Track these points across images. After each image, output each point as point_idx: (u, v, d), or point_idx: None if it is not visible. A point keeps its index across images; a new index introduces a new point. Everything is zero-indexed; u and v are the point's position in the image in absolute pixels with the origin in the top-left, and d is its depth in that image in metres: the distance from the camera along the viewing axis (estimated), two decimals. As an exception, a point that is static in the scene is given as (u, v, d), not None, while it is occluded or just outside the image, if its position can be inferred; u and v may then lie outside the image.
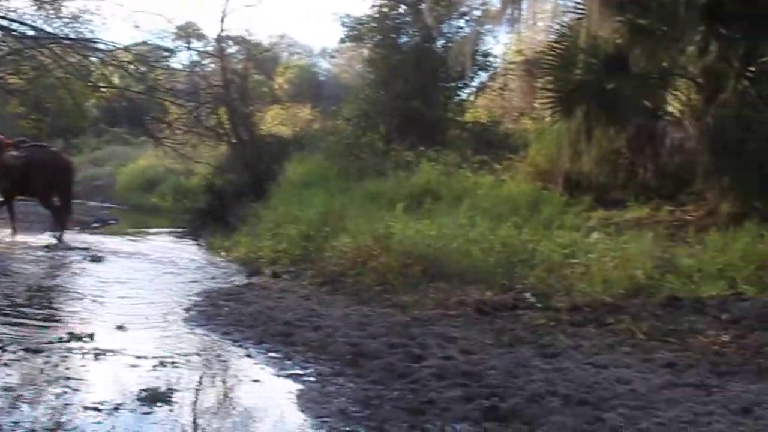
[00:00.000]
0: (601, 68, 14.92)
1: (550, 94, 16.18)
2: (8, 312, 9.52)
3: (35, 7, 23.36)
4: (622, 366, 7.11)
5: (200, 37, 30.19)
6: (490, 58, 23.36)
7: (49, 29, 24.36)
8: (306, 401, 6.58)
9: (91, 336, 8.34)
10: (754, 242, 10.59)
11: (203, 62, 29.58)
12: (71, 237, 17.97)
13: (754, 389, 6.27)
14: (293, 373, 7.48)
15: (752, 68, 13.55)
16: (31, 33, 23.66)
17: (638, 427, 5.49)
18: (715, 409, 5.85)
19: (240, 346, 8.58)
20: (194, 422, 6.22)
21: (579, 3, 15.76)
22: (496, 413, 5.93)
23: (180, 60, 30.62)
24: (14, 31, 15.23)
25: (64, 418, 6.01)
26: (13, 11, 22.86)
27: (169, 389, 6.67)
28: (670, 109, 15.21)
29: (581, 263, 10.78)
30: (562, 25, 16.45)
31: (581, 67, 15.19)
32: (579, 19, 15.47)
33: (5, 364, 7.28)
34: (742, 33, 13.60)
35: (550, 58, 16.25)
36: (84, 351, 7.85)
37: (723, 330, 8.02)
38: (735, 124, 12.96)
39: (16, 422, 5.83)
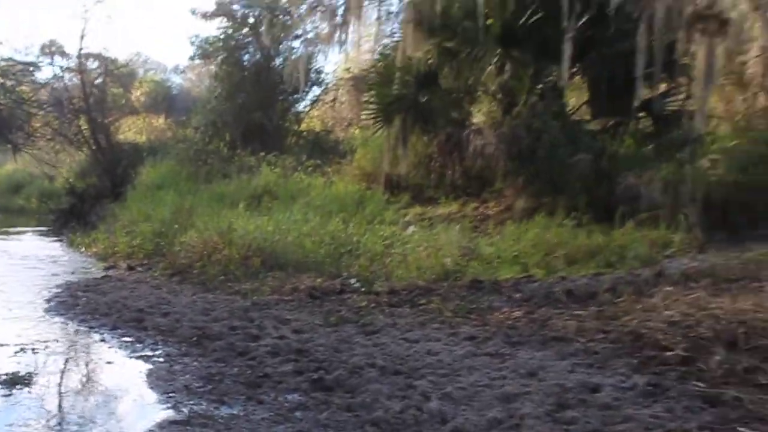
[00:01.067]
0: (415, 84, 15.16)
1: (373, 107, 16.36)
2: None
3: None
4: (431, 340, 7.22)
5: (62, 53, 29.09)
6: (323, 75, 23.50)
7: None
8: (155, 379, 6.46)
9: (-48, 327, 7.99)
10: (543, 233, 10.97)
11: (65, 76, 28.52)
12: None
13: (539, 356, 6.47)
14: (144, 355, 7.33)
15: (540, 86, 13.97)
16: None
17: (443, 392, 5.58)
18: (507, 374, 6.01)
19: (96, 332, 8.36)
20: (53, 402, 6.02)
21: (396, 28, 16.02)
22: (322, 384, 5.95)
23: (44, 75, 29.47)
24: None
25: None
26: None
27: (29, 373, 6.48)
28: (474, 119, 15.54)
29: (399, 253, 10.94)
30: (383, 47, 16.67)
31: (399, 83, 15.38)
32: (396, 42, 15.69)
33: None
34: (531, 56, 14.05)
35: (373, 75, 16.50)
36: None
37: (516, 307, 8.24)
38: (527, 133, 13.33)
39: None
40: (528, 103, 13.84)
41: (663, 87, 13.71)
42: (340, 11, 17.53)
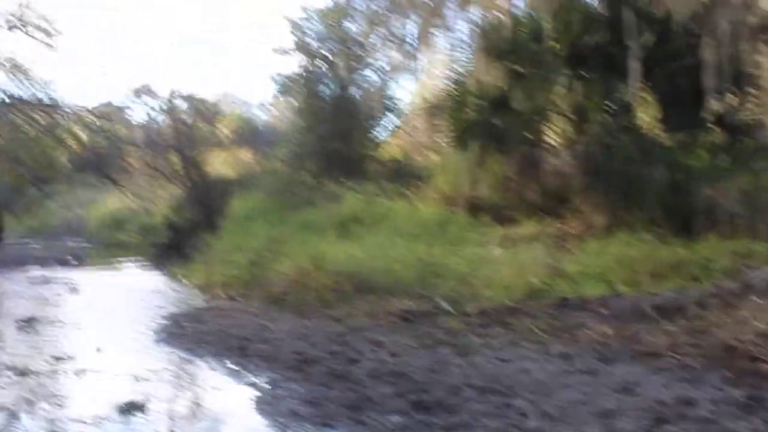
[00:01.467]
0: (488, 108, 15.10)
1: (449, 131, 16.34)
2: (1, 339, 9.32)
3: (8, 75, 22.94)
4: (524, 359, 7.15)
5: (153, 95, 29.76)
6: (398, 103, 23.49)
7: (21, 94, 23.99)
8: (261, 404, 6.51)
9: (73, 358, 8.18)
10: (625, 248, 10.76)
11: (157, 116, 29.17)
12: (52, 273, 17.61)
13: (632, 371, 6.36)
14: (249, 381, 7.40)
15: (610, 103, 13.79)
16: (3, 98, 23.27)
17: (541, 409, 5.50)
18: (603, 390, 5.91)
19: (202, 360, 8.45)
20: (168, 428, 6.11)
21: (467, 55, 16.01)
22: (422, 405, 5.92)
23: (137, 115, 30.23)
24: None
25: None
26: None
27: (144, 401, 6.56)
28: (547, 139, 15.40)
29: (485, 273, 10.83)
30: (454, 74, 16.68)
31: (472, 107, 15.35)
32: (468, 68, 15.70)
33: (1, 387, 7.09)
34: (599, 74, 13.88)
35: (447, 101, 16.46)
36: (67, 371, 7.68)
37: (605, 323, 8.09)
38: (600, 150, 13.16)
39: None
40: (599, 121, 13.68)
41: (732, 98, 13.40)
42: (411, 40, 17.69)
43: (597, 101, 13.98)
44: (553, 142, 15.10)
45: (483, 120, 15.14)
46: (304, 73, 23.35)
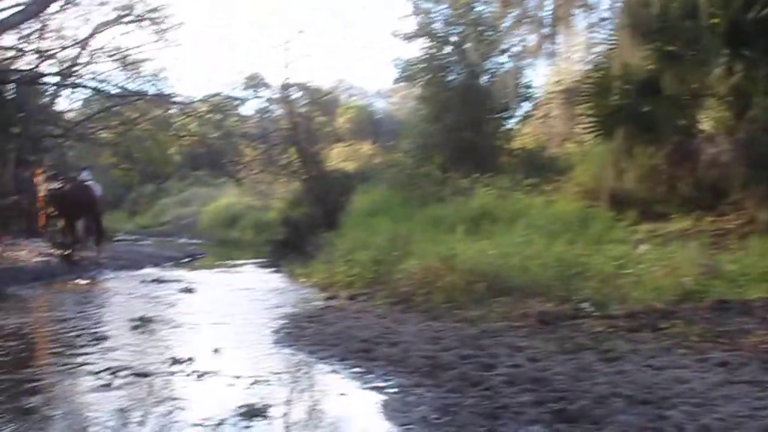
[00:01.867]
0: (635, 93, 14.79)
1: (590, 119, 16.08)
2: (117, 340, 9.68)
3: (119, 69, 23.84)
4: (679, 366, 6.98)
5: (266, 85, 30.39)
6: (532, 89, 23.29)
7: (132, 87, 24.87)
8: (390, 411, 6.57)
9: (191, 360, 8.43)
10: (794, 246, 10.40)
11: (271, 108, 29.80)
12: (165, 272, 18.22)
13: (805, 383, 6.14)
14: (376, 386, 7.47)
15: (774, 86, 13.34)
16: (116, 92, 24.13)
17: (700, 423, 5.38)
18: (770, 403, 5.74)
19: (325, 363, 8.58)
20: (294, 434, 6.26)
21: (610, 35, 15.71)
22: (565, 415, 5.85)
23: (250, 107, 30.95)
24: (103, 91, 15.57)
25: (174, 435, 6.08)
26: (101, 74, 23.35)
27: (265, 405, 6.70)
28: (703, 126, 14.99)
29: (632, 273, 10.64)
30: (596, 56, 16.40)
31: (617, 92, 15.05)
32: (611, 49, 15.40)
33: (118, 388, 7.38)
34: (763, 54, 13.41)
35: (587, 86, 16.21)
36: (186, 373, 7.93)
37: (772, 330, 7.85)
38: (764, 138, 12.73)
39: (132, 441, 5.93)
40: (764, 105, 13.22)
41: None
42: (548, 21, 17.46)
43: (761, 84, 13.50)
44: (709, 130, 14.70)
45: (629, 106, 14.85)
46: (429, 59, 23.38)
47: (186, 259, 23.18)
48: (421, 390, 7.15)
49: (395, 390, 7.23)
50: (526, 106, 23.63)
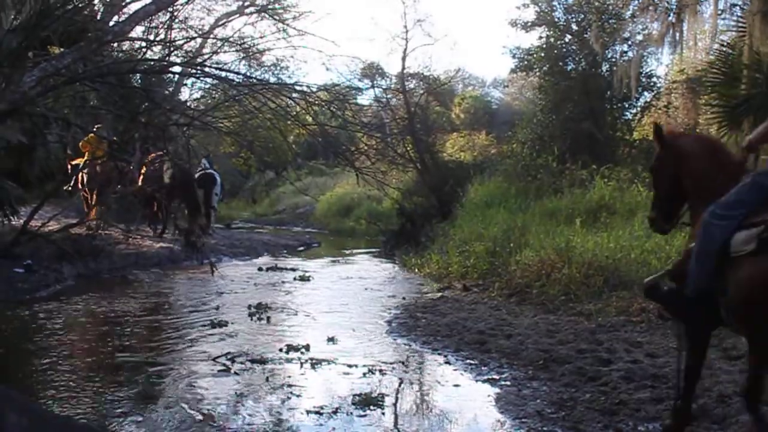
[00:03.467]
0: (765, 82, 14.27)
1: (715, 110, 15.59)
2: (234, 326, 9.90)
3: (240, 58, 24.22)
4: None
5: (383, 75, 30.48)
6: (654, 79, 22.69)
7: (254, 75, 25.27)
8: (504, 404, 6.58)
9: (306, 347, 8.58)
10: None
11: (388, 98, 29.87)
12: (281, 260, 18.55)
13: None
14: (490, 378, 7.49)
15: None
16: (238, 81, 24.58)
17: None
18: None
19: (439, 353, 8.64)
20: (409, 424, 6.30)
21: (740, 22, 15.21)
22: (686, 413, 5.73)
23: (367, 97, 31.08)
24: (227, 80, 15.89)
25: (290, 421, 6.19)
26: (225, 64, 23.81)
27: (380, 394, 6.79)
28: None
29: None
30: (723, 44, 15.89)
31: (746, 82, 14.55)
32: (740, 37, 14.90)
33: (236, 374, 7.56)
34: None
35: (713, 75, 15.69)
36: (301, 361, 8.09)
37: None
38: None
39: (249, 423, 6.06)
40: None
41: None
42: (673, 8, 17.03)
43: None
44: None
45: (759, 96, 14.35)
46: (548, 48, 23.09)
47: (301, 248, 23.50)
48: (536, 383, 7.14)
49: (509, 383, 7.23)
50: (647, 96, 23.04)
